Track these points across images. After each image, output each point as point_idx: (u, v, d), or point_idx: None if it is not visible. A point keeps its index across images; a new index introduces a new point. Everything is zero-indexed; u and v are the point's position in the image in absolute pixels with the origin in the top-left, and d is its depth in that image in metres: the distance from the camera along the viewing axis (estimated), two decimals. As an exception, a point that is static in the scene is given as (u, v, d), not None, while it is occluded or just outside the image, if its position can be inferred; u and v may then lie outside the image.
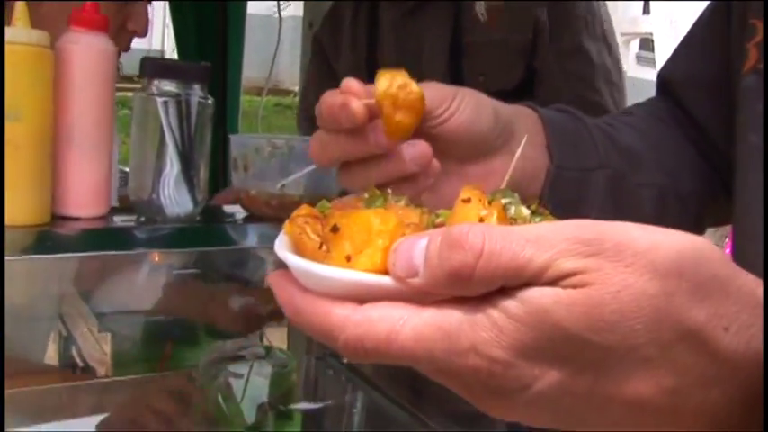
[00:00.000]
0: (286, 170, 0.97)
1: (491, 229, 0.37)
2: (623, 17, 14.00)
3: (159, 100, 0.93)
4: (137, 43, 1.40)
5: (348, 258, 0.41)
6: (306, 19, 2.47)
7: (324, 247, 0.43)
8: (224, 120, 2.36)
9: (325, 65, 1.85)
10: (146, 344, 1.36)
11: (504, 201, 0.44)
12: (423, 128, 0.61)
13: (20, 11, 0.85)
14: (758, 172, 0.72)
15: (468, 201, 0.42)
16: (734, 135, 0.76)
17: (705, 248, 0.37)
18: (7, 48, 0.83)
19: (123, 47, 1.32)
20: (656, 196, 0.82)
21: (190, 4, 2.51)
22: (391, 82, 0.56)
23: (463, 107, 0.63)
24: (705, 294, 0.36)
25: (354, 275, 0.40)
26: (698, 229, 0.91)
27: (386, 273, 0.39)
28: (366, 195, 0.48)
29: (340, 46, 1.79)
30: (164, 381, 1.23)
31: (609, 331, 0.36)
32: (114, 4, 1.27)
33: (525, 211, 0.44)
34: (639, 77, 13.69)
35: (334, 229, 0.42)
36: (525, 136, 0.60)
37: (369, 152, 0.59)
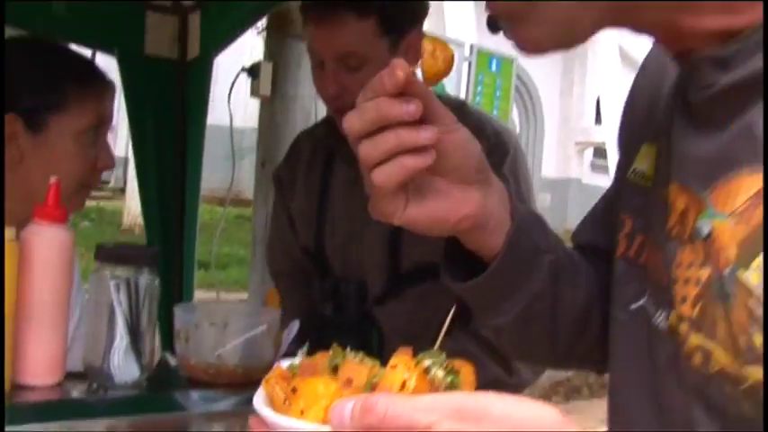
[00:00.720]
0: (221, 341, 1.10)
1: (394, 400, 0.55)
2: (576, 127, 14.51)
3: (112, 283, 1.06)
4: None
5: (302, 412, 0.58)
6: (258, 158, 2.60)
7: (287, 402, 0.60)
8: (180, 286, 2.37)
9: (285, 205, 1.88)
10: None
11: (427, 363, 0.61)
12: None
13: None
14: (624, 345, 0.86)
15: (395, 367, 0.60)
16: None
17: (545, 414, 0.55)
18: (-22, 245, 0.97)
19: (95, 184, 1.48)
20: (583, 307, 0.95)
21: (150, 116, 2.47)
22: (434, 40, 0.80)
23: (464, 129, 0.83)
24: None
25: (305, 426, 0.57)
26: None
27: (327, 424, 0.56)
28: (330, 352, 0.66)
29: (294, 187, 1.84)
30: None
31: None
32: (87, 150, 1.41)
33: (440, 374, 0.62)
34: (593, 184, 14.06)
35: (293, 390, 0.60)
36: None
37: (398, 117, 0.76)
